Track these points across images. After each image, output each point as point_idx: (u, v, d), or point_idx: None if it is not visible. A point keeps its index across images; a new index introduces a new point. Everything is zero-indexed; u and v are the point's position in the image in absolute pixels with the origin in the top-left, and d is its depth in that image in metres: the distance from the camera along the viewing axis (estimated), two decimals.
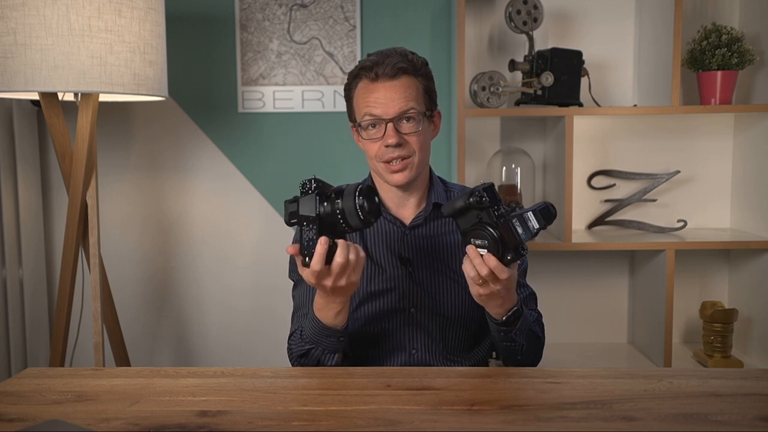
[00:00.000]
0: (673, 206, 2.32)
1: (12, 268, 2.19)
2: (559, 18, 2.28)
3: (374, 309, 1.35)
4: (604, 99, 2.29)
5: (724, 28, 2.08)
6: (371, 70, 1.29)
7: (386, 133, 1.28)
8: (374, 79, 1.29)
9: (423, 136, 1.31)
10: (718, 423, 0.97)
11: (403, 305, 1.35)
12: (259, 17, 2.30)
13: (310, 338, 1.25)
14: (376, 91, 1.29)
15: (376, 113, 1.29)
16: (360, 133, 1.33)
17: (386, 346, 1.36)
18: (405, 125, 1.29)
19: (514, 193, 2.16)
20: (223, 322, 2.42)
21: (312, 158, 2.36)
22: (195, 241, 2.40)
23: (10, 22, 1.62)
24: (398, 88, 1.29)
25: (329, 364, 1.26)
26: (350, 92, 1.35)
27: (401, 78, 1.29)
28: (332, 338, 1.23)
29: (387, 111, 1.28)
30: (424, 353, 1.35)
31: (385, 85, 1.29)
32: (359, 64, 1.32)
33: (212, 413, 1.02)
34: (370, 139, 1.31)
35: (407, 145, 1.29)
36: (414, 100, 1.30)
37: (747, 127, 2.22)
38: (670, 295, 2.04)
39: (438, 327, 1.35)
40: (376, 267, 1.36)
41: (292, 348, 1.31)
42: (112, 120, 2.34)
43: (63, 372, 1.22)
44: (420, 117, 1.30)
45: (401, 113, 1.29)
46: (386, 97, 1.28)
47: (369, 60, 1.31)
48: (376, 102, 1.29)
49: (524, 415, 1.00)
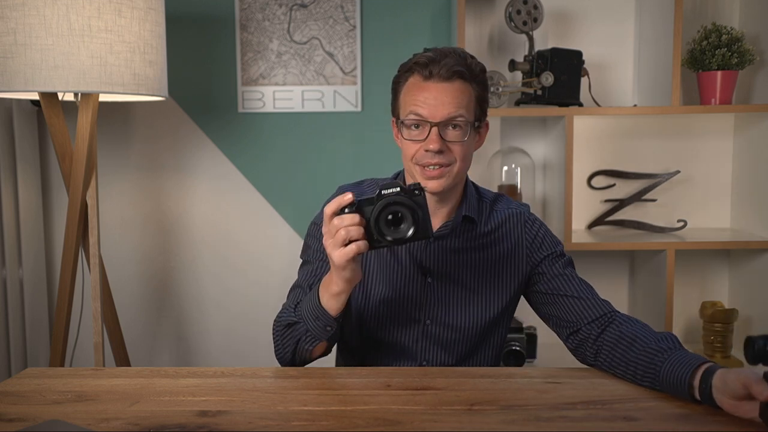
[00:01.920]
0: (673, 206, 2.32)
1: (12, 268, 2.19)
2: (559, 18, 2.28)
3: (389, 315, 1.32)
4: (604, 99, 2.29)
5: (724, 28, 2.08)
6: (426, 67, 1.22)
7: (429, 137, 1.21)
8: (427, 77, 1.22)
9: (467, 147, 1.25)
10: (718, 423, 0.97)
11: (419, 316, 1.32)
12: (259, 17, 2.30)
13: (302, 313, 1.21)
14: (427, 91, 1.22)
15: (422, 114, 1.22)
16: (401, 130, 1.27)
17: (397, 353, 1.34)
18: (450, 132, 1.23)
19: (514, 193, 2.16)
20: (223, 322, 2.42)
21: (312, 158, 2.36)
22: (195, 241, 2.40)
23: (10, 22, 1.62)
24: (450, 91, 1.22)
25: (306, 348, 1.22)
26: (398, 85, 1.28)
27: (455, 82, 1.22)
28: (320, 321, 1.18)
29: (434, 114, 1.21)
30: (435, 364, 1.33)
31: (438, 86, 1.22)
32: (413, 58, 1.25)
33: (212, 413, 1.02)
34: (411, 139, 1.24)
35: (448, 153, 1.23)
36: (464, 108, 1.22)
37: (747, 127, 2.22)
38: (670, 295, 2.04)
39: (452, 342, 1.32)
40: (396, 272, 1.32)
41: (282, 317, 1.26)
42: (112, 120, 2.34)
43: (63, 372, 1.22)
44: (467, 127, 1.23)
45: (449, 119, 1.21)
46: (436, 99, 1.21)
47: (425, 56, 1.23)
48: (425, 102, 1.22)
49: (524, 415, 1.00)
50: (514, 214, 1.37)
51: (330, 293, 1.16)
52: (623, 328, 1.21)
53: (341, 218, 1.09)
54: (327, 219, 1.11)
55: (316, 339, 1.21)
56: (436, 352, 1.33)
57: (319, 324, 1.19)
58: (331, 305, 1.17)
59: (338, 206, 1.10)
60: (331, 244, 1.10)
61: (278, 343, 1.26)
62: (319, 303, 1.18)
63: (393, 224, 1.11)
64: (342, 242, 1.09)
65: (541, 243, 1.36)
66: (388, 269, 1.32)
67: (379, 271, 1.32)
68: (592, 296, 1.29)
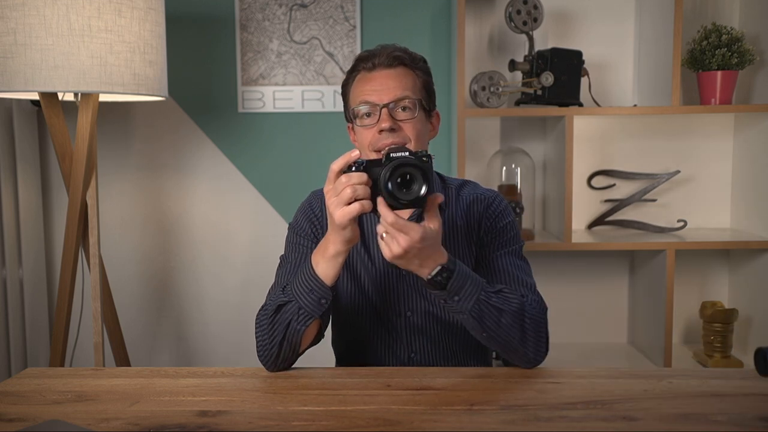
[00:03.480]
0: (673, 206, 2.32)
1: (12, 268, 2.19)
2: (559, 18, 2.28)
3: (373, 311, 1.32)
4: (604, 99, 2.29)
5: (724, 28, 2.08)
6: (368, 60, 1.28)
7: (380, 118, 1.24)
8: (371, 69, 1.27)
9: (419, 125, 1.27)
10: (718, 423, 0.97)
11: (399, 309, 1.31)
12: (259, 17, 2.30)
13: (293, 290, 1.19)
14: (373, 80, 1.27)
15: (371, 100, 1.25)
16: (354, 123, 1.30)
17: (384, 349, 1.33)
18: (400, 113, 1.25)
19: (514, 193, 2.16)
20: (223, 322, 2.42)
21: (312, 158, 2.36)
22: (195, 241, 2.40)
23: (10, 22, 1.62)
24: (395, 76, 1.26)
25: (299, 328, 1.17)
26: (347, 87, 1.32)
27: (398, 68, 1.27)
28: (314, 294, 1.16)
29: (382, 98, 1.25)
30: (424, 357, 1.33)
31: (382, 73, 1.27)
32: (356, 58, 1.31)
33: (212, 413, 1.02)
34: (364, 126, 1.27)
35: (401, 132, 1.24)
36: (410, 90, 1.26)
37: (747, 127, 2.22)
38: (670, 295, 2.04)
39: (437, 331, 1.32)
40: (370, 268, 1.32)
41: (267, 305, 1.23)
42: (112, 120, 2.35)
43: (63, 372, 1.22)
44: (416, 106, 1.26)
45: (396, 99, 1.25)
46: (382, 85, 1.26)
47: (365, 51, 1.30)
48: (372, 90, 1.26)
49: (524, 415, 1.00)
50: (480, 199, 1.35)
51: (327, 256, 1.14)
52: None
53: (349, 176, 1.07)
54: (332, 176, 1.09)
55: (309, 316, 1.17)
56: (423, 344, 1.32)
57: (314, 297, 1.16)
58: (327, 272, 1.15)
59: (345, 163, 1.08)
60: (335, 202, 1.08)
61: (265, 335, 1.20)
62: (314, 272, 1.16)
63: (404, 186, 1.09)
64: (347, 200, 1.07)
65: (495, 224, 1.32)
66: (363, 266, 1.32)
67: (362, 270, 1.32)
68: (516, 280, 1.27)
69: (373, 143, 1.25)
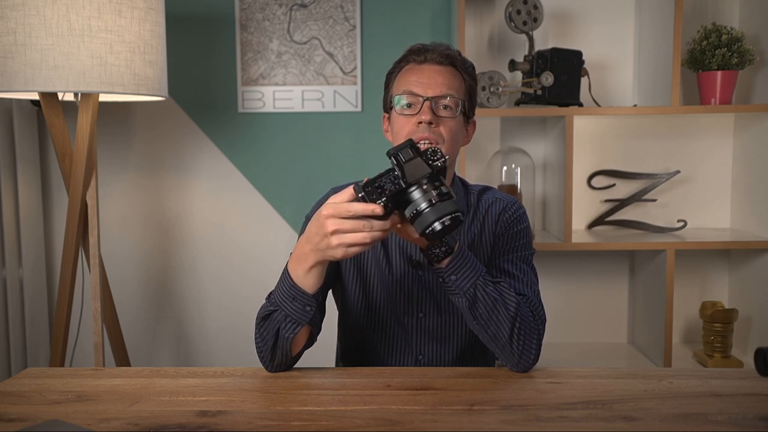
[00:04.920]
0: (673, 206, 2.32)
1: (12, 268, 2.19)
2: (559, 18, 2.28)
3: (385, 311, 1.32)
4: (604, 99, 2.29)
5: (724, 28, 2.08)
6: (420, 53, 1.28)
7: (422, 110, 1.24)
8: (422, 62, 1.28)
9: (456, 128, 1.26)
10: (718, 423, 0.97)
11: (411, 310, 1.32)
12: (259, 17, 2.30)
13: (277, 299, 1.17)
14: (421, 72, 1.27)
15: (415, 91, 1.25)
16: (393, 111, 1.29)
17: (392, 349, 1.34)
18: (441, 110, 1.25)
19: (514, 193, 2.16)
20: (224, 322, 2.42)
21: (312, 158, 2.36)
22: (195, 241, 2.40)
23: (10, 22, 1.62)
24: (443, 73, 1.27)
25: (288, 336, 1.15)
26: (392, 75, 1.32)
27: (448, 66, 1.28)
28: (298, 302, 1.13)
29: (426, 91, 1.25)
30: (432, 359, 1.33)
31: (431, 68, 1.27)
32: (407, 50, 1.31)
33: (212, 413, 1.02)
34: (404, 114, 1.26)
35: (437, 130, 1.24)
36: (455, 90, 1.26)
37: (747, 127, 2.22)
38: (670, 295, 2.04)
39: (447, 334, 1.33)
40: (389, 268, 1.33)
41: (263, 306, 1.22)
42: (112, 120, 2.35)
43: (63, 372, 1.22)
44: (458, 107, 1.26)
45: (440, 96, 1.25)
46: (429, 79, 1.26)
47: (418, 44, 1.30)
48: (419, 81, 1.26)
49: (524, 415, 1.00)
50: (498, 203, 1.36)
51: (304, 268, 1.12)
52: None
53: (371, 223, 1.04)
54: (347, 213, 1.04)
55: (296, 324, 1.15)
56: (433, 346, 1.33)
57: (297, 305, 1.14)
58: (307, 282, 1.13)
59: (364, 209, 1.04)
60: (339, 239, 1.04)
61: (258, 339, 1.20)
62: (293, 283, 1.14)
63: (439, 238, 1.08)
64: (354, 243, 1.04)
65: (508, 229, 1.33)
66: (381, 266, 1.33)
67: (374, 269, 1.33)
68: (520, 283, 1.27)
69: (409, 133, 1.25)
